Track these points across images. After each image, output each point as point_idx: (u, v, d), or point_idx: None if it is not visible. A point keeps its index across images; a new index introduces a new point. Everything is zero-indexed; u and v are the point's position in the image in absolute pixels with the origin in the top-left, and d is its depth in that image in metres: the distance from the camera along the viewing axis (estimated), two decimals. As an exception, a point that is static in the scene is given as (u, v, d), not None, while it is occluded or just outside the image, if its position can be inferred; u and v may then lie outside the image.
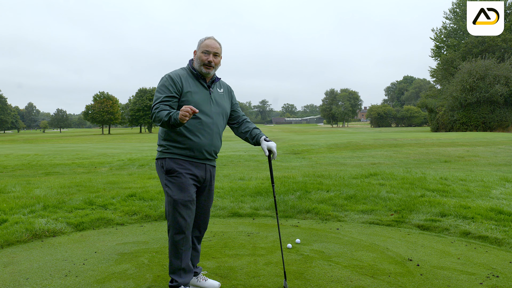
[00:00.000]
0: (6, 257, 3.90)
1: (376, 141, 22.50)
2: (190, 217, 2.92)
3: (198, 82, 2.96)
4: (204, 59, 2.91)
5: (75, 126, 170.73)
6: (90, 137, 61.25)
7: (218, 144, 3.04)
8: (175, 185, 2.88)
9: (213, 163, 3.09)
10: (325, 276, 3.36)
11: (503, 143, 20.24)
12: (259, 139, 3.10)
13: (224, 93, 3.12)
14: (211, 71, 2.94)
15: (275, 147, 3.08)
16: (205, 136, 2.92)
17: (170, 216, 2.90)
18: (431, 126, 54.62)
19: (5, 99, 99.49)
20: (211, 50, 2.93)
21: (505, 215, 5.01)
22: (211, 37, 2.98)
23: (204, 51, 2.92)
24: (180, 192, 2.87)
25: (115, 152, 21.52)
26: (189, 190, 2.89)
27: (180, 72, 2.95)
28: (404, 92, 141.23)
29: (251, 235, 4.61)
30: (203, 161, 2.98)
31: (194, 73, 2.96)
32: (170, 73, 2.93)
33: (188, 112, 2.53)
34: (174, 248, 2.91)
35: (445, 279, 3.28)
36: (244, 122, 3.22)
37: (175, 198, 2.86)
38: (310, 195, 6.41)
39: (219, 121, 3.02)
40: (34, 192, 6.91)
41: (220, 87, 3.11)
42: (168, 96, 2.83)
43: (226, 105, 3.09)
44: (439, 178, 7.94)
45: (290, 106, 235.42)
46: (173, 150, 2.90)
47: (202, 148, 2.92)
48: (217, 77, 3.08)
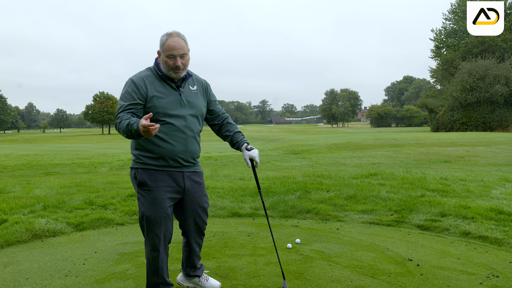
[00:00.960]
0: (6, 257, 3.90)
1: (376, 141, 22.50)
2: (164, 234, 2.74)
3: (165, 84, 2.69)
4: (171, 63, 2.62)
5: (75, 126, 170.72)
6: (90, 137, 61.24)
7: (194, 149, 2.79)
8: (147, 200, 2.68)
9: (193, 169, 2.84)
10: (325, 276, 3.36)
11: (503, 143, 20.24)
12: (241, 147, 2.94)
13: (198, 90, 2.85)
14: (181, 73, 2.68)
15: (258, 155, 2.93)
16: (179, 142, 2.68)
17: (145, 232, 2.75)
18: (431, 126, 54.60)
19: (5, 99, 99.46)
20: (176, 53, 2.61)
21: (505, 215, 5.01)
22: (173, 34, 2.62)
23: (169, 56, 2.61)
24: (152, 208, 2.67)
25: (115, 152, 21.52)
26: (162, 205, 2.68)
27: (144, 75, 2.68)
28: (404, 92, 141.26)
29: (251, 235, 4.61)
30: (179, 169, 2.74)
31: (160, 74, 2.69)
32: (133, 77, 2.67)
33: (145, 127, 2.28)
34: (151, 264, 2.78)
35: (445, 279, 3.28)
36: (225, 124, 3.01)
37: (147, 215, 2.68)
38: (310, 195, 6.41)
39: (193, 123, 2.77)
40: (34, 192, 6.91)
41: (193, 84, 2.83)
42: (131, 104, 2.59)
43: (200, 104, 2.83)
44: (439, 178, 7.94)
45: (290, 106, 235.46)
46: (145, 160, 2.68)
47: (176, 156, 2.68)
48: (188, 74, 2.81)
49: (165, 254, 2.80)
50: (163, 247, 2.76)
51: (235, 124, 3.05)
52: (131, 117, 2.50)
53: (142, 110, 2.62)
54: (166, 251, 2.81)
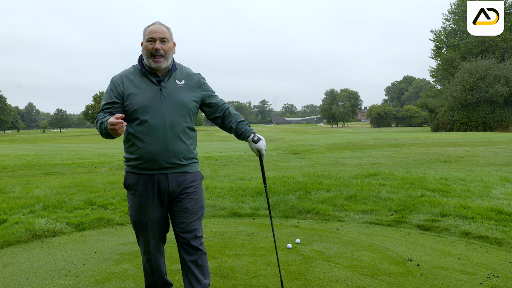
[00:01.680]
0: (6, 257, 3.89)
1: (376, 141, 22.50)
2: (154, 238, 2.63)
3: (146, 79, 2.54)
4: (150, 48, 2.47)
5: (75, 126, 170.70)
6: (90, 137, 61.23)
7: (177, 149, 2.51)
8: (132, 204, 2.60)
9: (182, 169, 2.57)
10: (325, 276, 3.36)
11: (503, 143, 20.23)
12: (246, 138, 2.73)
13: (187, 84, 2.61)
14: (161, 62, 2.49)
15: (264, 147, 2.74)
16: (157, 141, 2.46)
17: (137, 237, 2.69)
18: (431, 126, 54.60)
19: (5, 99, 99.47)
20: (156, 36, 2.48)
21: (505, 215, 5.01)
22: (156, 23, 2.54)
23: (149, 39, 2.49)
24: (137, 213, 2.58)
25: (115, 152, 21.50)
26: (146, 210, 2.56)
27: (124, 73, 2.58)
28: (404, 92, 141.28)
29: (251, 235, 4.61)
30: (162, 170, 2.52)
31: (140, 69, 2.56)
32: (114, 76, 2.60)
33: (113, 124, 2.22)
34: (145, 265, 2.74)
35: (445, 279, 3.28)
36: (226, 116, 2.76)
37: (133, 219, 2.61)
38: (310, 195, 6.41)
39: (176, 120, 2.51)
40: (34, 192, 6.91)
41: (180, 79, 2.61)
42: (108, 103, 2.52)
43: (186, 98, 2.56)
44: (439, 178, 7.94)
45: (290, 106, 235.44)
46: (130, 163, 2.57)
47: (156, 156, 2.47)
48: (174, 67, 2.61)
49: (159, 254, 2.71)
50: (154, 249, 2.67)
51: (238, 114, 2.80)
52: (106, 116, 2.45)
53: (120, 109, 2.53)
54: (160, 252, 2.71)
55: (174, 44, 2.62)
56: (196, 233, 2.62)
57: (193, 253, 2.62)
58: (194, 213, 2.61)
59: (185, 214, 2.59)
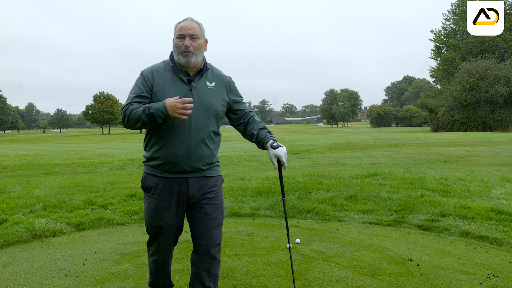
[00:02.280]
0: (6, 257, 3.90)
1: (376, 141, 22.50)
2: (163, 243, 2.55)
3: (176, 76, 2.45)
4: (180, 45, 2.40)
5: (75, 126, 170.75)
6: (90, 137, 61.25)
7: (200, 153, 2.43)
8: (149, 207, 2.51)
9: (203, 173, 2.48)
10: (325, 276, 3.37)
11: (503, 143, 20.23)
12: (265, 144, 2.53)
13: (217, 87, 2.52)
14: (191, 58, 2.39)
15: (285, 154, 2.51)
16: (180, 144, 2.38)
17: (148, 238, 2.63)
18: (431, 126, 54.58)
19: (5, 99, 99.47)
20: (186, 32, 2.39)
21: (505, 215, 5.02)
22: (187, 18, 2.46)
23: (179, 36, 2.41)
24: (151, 216, 2.49)
25: (115, 152, 21.51)
26: (161, 215, 2.46)
27: (155, 67, 2.50)
28: (404, 92, 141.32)
29: (251, 235, 4.61)
30: (183, 174, 2.43)
31: (172, 66, 2.47)
32: (144, 70, 2.51)
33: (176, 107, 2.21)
34: (152, 265, 2.67)
35: (445, 279, 3.28)
36: (250, 122, 2.63)
37: (148, 222, 2.52)
38: (310, 195, 6.41)
39: (203, 123, 2.43)
40: (34, 192, 6.91)
41: (211, 80, 2.51)
42: (138, 96, 2.41)
43: (215, 102, 2.48)
44: (439, 178, 7.94)
45: (290, 106, 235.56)
46: (149, 162, 2.49)
47: (178, 159, 2.39)
48: (206, 67, 2.51)
49: (168, 257, 2.65)
50: (164, 252, 2.60)
51: (262, 121, 2.66)
52: (143, 106, 2.36)
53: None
54: (170, 254, 2.65)
55: (206, 41, 2.53)
56: (216, 240, 2.53)
57: (209, 261, 2.53)
58: (215, 219, 2.52)
59: (206, 220, 2.50)
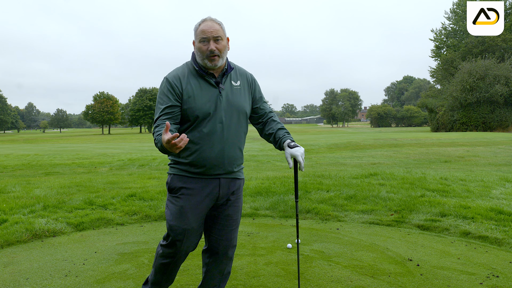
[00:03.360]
0: (6, 257, 3.90)
1: (376, 141, 22.50)
2: (184, 248, 2.42)
3: (203, 80, 2.37)
4: (205, 49, 2.32)
5: (75, 126, 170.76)
6: (90, 137, 61.24)
7: (234, 155, 2.41)
8: (174, 208, 2.40)
9: (233, 175, 2.46)
10: (325, 276, 3.37)
11: (503, 143, 20.23)
12: (282, 144, 2.46)
13: (242, 86, 2.48)
14: (217, 61, 2.33)
15: (302, 155, 2.41)
16: (213, 148, 2.34)
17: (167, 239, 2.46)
18: (431, 126, 54.59)
19: (5, 99, 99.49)
20: (209, 35, 2.31)
21: (505, 215, 5.02)
22: (206, 19, 2.36)
23: (202, 39, 2.32)
24: (177, 218, 2.38)
25: (115, 152, 21.52)
26: (188, 217, 2.37)
27: (180, 72, 2.38)
28: (404, 92, 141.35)
29: (251, 235, 4.61)
30: (215, 176, 2.40)
31: (197, 69, 2.37)
32: (168, 75, 2.38)
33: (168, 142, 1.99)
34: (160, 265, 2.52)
35: (445, 279, 3.28)
36: (269, 122, 2.58)
37: (171, 224, 2.39)
38: (310, 195, 6.41)
39: (234, 125, 2.40)
40: (34, 192, 6.91)
41: (236, 79, 2.47)
42: (169, 107, 2.30)
43: (243, 102, 2.45)
44: (439, 178, 7.94)
45: (290, 106, 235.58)
46: (178, 166, 2.40)
47: (211, 162, 2.35)
48: (230, 67, 2.45)
49: (181, 261, 2.53)
50: (180, 257, 2.49)
51: (280, 122, 2.60)
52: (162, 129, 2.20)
53: (179, 113, 2.33)
54: (184, 259, 2.54)
55: (228, 39, 2.46)
56: (234, 242, 2.54)
57: (225, 262, 2.53)
58: (236, 221, 2.53)
59: (228, 221, 2.49)
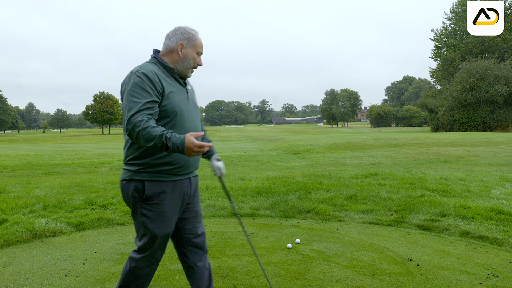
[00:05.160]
0: (6, 257, 3.90)
1: (376, 141, 22.49)
2: (163, 250, 2.45)
3: (173, 79, 2.36)
4: (196, 61, 2.42)
5: (75, 126, 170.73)
6: (90, 137, 61.24)
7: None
8: (155, 215, 2.30)
9: (195, 173, 2.55)
10: (325, 276, 3.37)
11: (503, 143, 20.23)
12: (211, 156, 2.63)
13: (193, 90, 2.60)
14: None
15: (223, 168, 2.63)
16: None
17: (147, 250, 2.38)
18: (431, 126, 54.56)
19: (5, 99, 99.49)
20: (202, 51, 2.46)
21: (505, 215, 5.02)
22: (198, 32, 2.45)
23: (199, 53, 2.42)
24: (160, 225, 2.31)
25: (115, 152, 21.52)
26: (171, 221, 2.37)
27: (155, 69, 2.28)
28: (404, 92, 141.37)
29: (251, 235, 4.61)
30: (187, 175, 2.43)
31: (169, 68, 2.34)
32: (144, 71, 2.22)
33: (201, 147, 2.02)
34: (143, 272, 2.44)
35: (445, 279, 3.29)
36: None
37: (155, 232, 2.31)
38: (310, 195, 6.41)
39: (198, 123, 2.50)
40: (34, 192, 6.91)
41: (189, 84, 2.57)
42: (150, 102, 2.15)
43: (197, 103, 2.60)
44: (439, 178, 7.94)
45: (290, 106, 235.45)
46: (151, 168, 2.27)
47: (189, 161, 2.37)
48: None
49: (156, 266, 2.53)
50: (160, 260, 2.50)
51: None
52: (161, 127, 2.09)
53: (158, 111, 2.22)
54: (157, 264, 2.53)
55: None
56: (204, 235, 2.60)
57: (203, 257, 2.57)
58: (201, 215, 2.62)
59: (197, 217, 2.55)
